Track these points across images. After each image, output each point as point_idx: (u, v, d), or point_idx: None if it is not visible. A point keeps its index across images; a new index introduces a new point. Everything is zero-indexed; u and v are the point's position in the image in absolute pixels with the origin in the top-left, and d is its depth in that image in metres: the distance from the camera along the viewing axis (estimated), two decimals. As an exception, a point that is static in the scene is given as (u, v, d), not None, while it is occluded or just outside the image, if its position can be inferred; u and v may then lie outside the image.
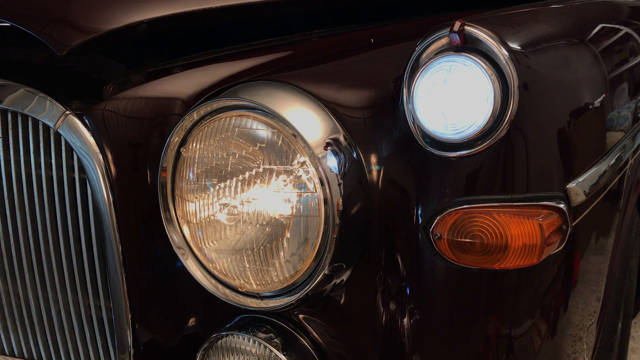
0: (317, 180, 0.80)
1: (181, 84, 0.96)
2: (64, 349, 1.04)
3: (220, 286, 0.90)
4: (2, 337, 1.09)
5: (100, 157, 0.91)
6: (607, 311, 1.14)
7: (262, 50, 1.08)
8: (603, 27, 1.10)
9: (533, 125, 0.80)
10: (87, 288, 0.99)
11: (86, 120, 0.93)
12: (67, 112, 0.93)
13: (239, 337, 0.91)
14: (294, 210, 0.82)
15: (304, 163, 0.81)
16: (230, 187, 0.84)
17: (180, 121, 0.87)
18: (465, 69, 0.75)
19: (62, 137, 0.93)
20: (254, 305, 0.88)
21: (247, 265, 0.86)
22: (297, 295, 0.84)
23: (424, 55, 0.77)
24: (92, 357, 1.03)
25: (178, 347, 1.00)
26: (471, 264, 0.80)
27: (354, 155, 0.83)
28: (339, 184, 0.80)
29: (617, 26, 1.17)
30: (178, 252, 0.90)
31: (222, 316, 0.95)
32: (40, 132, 0.95)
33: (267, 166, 0.82)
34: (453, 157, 0.78)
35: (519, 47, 0.79)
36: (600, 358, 1.25)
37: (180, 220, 0.89)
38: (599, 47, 1.02)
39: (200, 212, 0.87)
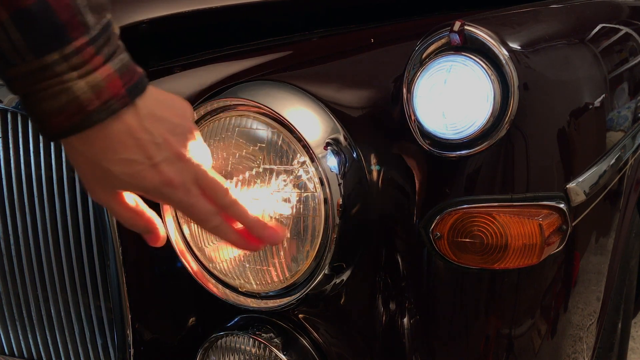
0: (317, 180, 0.80)
1: (181, 84, 0.96)
2: (64, 349, 1.04)
3: (220, 286, 0.90)
4: (2, 337, 1.09)
5: (100, 157, 0.91)
6: (607, 311, 1.14)
7: (262, 50, 1.08)
8: (603, 27, 1.10)
9: (533, 125, 0.80)
10: (87, 288, 0.99)
11: (86, 120, 0.92)
12: (67, 112, 0.92)
13: (239, 337, 0.91)
14: (294, 210, 0.82)
15: (304, 163, 0.81)
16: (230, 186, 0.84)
17: (180, 121, 0.86)
18: (465, 69, 0.75)
19: (62, 137, 0.93)
20: (254, 305, 0.88)
21: (247, 265, 0.86)
22: (297, 295, 0.84)
23: (424, 55, 0.77)
24: (92, 357, 1.03)
25: (178, 346, 1.00)
26: (471, 264, 0.80)
27: (354, 155, 0.83)
28: (339, 184, 0.80)
29: (617, 26, 1.17)
30: (178, 252, 0.90)
31: (222, 316, 0.95)
32: (40, 132, 0.95)
33: (267, 166, 0.82)
34: (453, 157, 0.78)
35: (519, 47, 0.79)
36: (600, 358, 1.25)
37: (180, 220, 0.89)
38: (599, 47, 1.02)
39: (200, 212, 0.87)
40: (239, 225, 0.66)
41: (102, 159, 0.57)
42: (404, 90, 0.78)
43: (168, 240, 0.90)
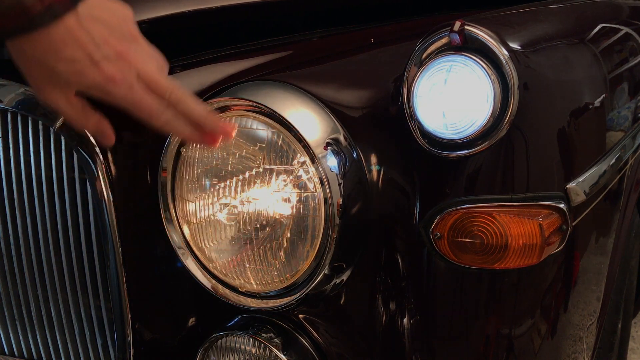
0: (317, 180, 0.80)
1: (181, 84, 0.96)
2: (64, 349, 1.04)
3: (220, 286, 0.90)
4: (2, 337, 1.09)
5: (101, 157, 0.91)
6: (607, 311, 1.14)
7: (262, 50, 1.08)
8: (603, 27, 1.10)
9: (533, 125, 0.80)
10: (87, 288, 0.99)
11: (86, 120, 0.92)
12: (67, 112, 0.92)
13: (239, 337, 0.91)
14: (294, 210, 0.82)
15: (304, 163, 0.81)
16: (230, 187, 0.84)
17: (180, 121, 0.86)
18: (465, 69, 0.75)
19: (62, 137, 0.93)
20: (254, 305, 0.88)
21: (247, 265, 0.86)
22: (297, 295, 0.84)
23: (424, 55, 0.77)
24: (92, 357, 1.03)
25: (178, 346, 1.00)
26: (471, 264, 0.80)
27: (354, 155, 0.83)
28: (339, 184, 0.80)
29: (617, 26, 1.17)
30: (178, 252, 0.90)
31: (222, 316, 0.95)
32: (40, 132, 0.95)
33: (267, 166, 0.82)
34: (453, 157, 0.78)
35: (519, 47, 0.79)
36: (600, 358, 1.25)
37: (180, 220, 0.89)
38: (599, 47, 1.03)
39: (200, 212, 0.87)
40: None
41: (47, 58, 0.61)
42: (404, 90, 0.78)
43: (168, 240, 0.90)
